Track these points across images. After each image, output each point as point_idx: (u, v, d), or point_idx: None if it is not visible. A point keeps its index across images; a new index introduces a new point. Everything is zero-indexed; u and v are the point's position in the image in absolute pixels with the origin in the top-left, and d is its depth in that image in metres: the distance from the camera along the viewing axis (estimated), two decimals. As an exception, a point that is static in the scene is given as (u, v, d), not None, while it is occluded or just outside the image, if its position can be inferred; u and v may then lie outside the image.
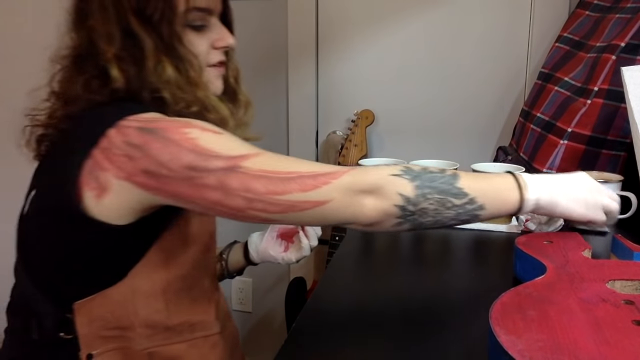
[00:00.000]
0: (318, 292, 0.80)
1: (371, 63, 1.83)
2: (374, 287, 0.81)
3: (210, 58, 0.82)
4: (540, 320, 0.49)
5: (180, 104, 0.74)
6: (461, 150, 1.77)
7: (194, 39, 0.79)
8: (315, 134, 1.92)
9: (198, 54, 0.79)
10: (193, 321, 0.80)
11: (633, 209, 1.02)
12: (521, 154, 1.35)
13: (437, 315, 0.70)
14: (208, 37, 0.81)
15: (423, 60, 1.78)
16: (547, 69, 1.42)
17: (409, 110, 1.83)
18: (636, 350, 0.44)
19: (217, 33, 0.82)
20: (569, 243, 0.76)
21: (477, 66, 1.74)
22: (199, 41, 0.79)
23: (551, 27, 1.61)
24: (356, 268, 0.89)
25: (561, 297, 0.56)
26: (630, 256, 0.76)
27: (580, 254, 0.72)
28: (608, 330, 0.48)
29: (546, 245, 0.76)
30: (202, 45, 0.80)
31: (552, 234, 0.84)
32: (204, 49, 0.80)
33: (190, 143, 0.65)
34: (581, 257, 0.70)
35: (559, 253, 0.72)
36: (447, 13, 1.74)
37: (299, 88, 1.88)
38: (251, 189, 0.64)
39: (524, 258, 0.74)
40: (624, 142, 1.14)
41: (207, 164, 0.64)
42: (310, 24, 1.84)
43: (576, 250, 0.73)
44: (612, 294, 0.57)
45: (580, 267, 0.66)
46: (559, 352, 0.44)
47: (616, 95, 1.13)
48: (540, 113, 1.31)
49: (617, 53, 1.15)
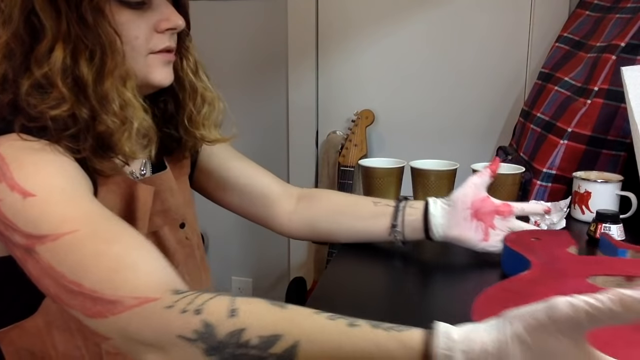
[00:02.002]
0: (318, 292, 0.79)
1: (371, 63, 1.83)
2: (373, 287, 0.81)
3: (154, 43, 0.70)
4: None
5: (49, 103, 0.62)
6: (461, 150, 1.77)
7: (129, 19, 0.67)
8: (315, 134, 1.92)
9: (135, 38, 0.67)
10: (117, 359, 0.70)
11: (633, 209, 1.02)
12: (521, 154, 1.35)
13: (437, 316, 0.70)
14: (149, 18, 0.69)
15: (423, 60, 1.78)
16: (547, 69, 1.42)
17: (409, 110, 1.82)
18: (609, 341, 0.45)
19: (161, 13, 0.70)
20: (555, 240, 0.77)
21: (477, 66, 1.74)
22: (136, 22, 0.67)
23: (551, 27, 1.61)
24: (356, 268, 0.89)
25: (543, 292, 0.56)
26: (614, 252, 0.77)
27: (565, 250, 0.73)
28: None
29: (533, 242, 0.77)
30: (141, 27, 0.68)
31: (541, 231, 0.85)
32: (143, 32, 0.68)
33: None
34: (566, 254, 0.72)
35: (545, 249, 0.73)
36: (447, 13, 1.74)
37: (299, 88, 1.88)
38: (43, 283, 0.55)
39: (511, 254, 0.75)
40: (624, 142, 1.14)
41: (9, 234, 0.57)
42: (310, 24, 1.84)
43: (562, 247, 0.74)
44: (591, 288, 0.58)
45: (564, 263, 0.67)
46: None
47: (616, 95, 1.13)
48: (540, 113, 1.31)
49: (617, 53, 1.15)
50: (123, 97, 0.65)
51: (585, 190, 1.04)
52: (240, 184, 0.91)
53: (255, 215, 0.94)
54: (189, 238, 0.81)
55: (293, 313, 0.50)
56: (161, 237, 0.77)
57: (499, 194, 0.98)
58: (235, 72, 1.94)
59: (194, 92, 0.78)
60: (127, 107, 0.65)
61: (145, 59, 0.69)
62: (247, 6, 1.89)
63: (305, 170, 1.94)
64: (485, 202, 0.84)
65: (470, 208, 0.83)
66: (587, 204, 1.04)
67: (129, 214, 0.71)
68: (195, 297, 0.51)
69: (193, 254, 0.82)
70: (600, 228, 0.93)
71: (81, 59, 0.63)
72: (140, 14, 0.68)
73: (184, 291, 0.53)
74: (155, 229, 0.76)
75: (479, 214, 0.83)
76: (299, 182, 1.95)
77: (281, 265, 2.05)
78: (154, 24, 0.69)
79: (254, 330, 0.47)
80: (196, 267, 0.82)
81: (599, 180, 1.03)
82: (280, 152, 1.97)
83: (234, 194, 0.92)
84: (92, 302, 0.53)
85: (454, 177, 1.05)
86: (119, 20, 0.66)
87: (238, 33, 1.92)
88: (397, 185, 1.06)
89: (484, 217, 0.83)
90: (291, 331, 0.47)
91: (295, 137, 1.93)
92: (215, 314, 0.49)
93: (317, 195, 0.96)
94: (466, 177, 1.05)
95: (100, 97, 0.63)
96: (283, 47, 1.88)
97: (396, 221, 0.87)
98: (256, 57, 1.92)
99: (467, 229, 0.83)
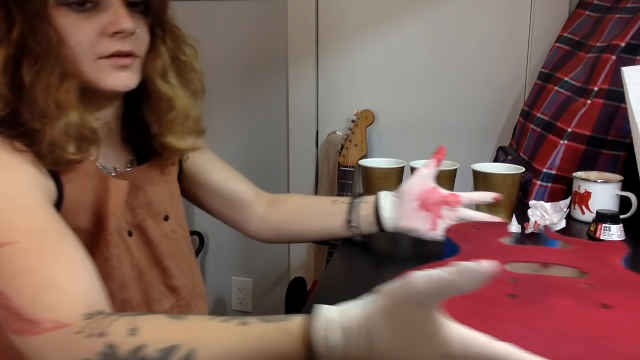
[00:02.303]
0: (318, 292, 0.79)
1: (371, 63, 1.83)
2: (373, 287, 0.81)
3: (102, 48, 0.67)
4: None
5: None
6: (461, 150, 1.76)
7: (72, 23, 0.65)
8: (315, 134, 1.92)
9: (77, 43, 0.66)
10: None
11: (633, 209, 1.02)
12: (521, 154, 1.35)
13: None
14: (97, 22, 0.67)
15: (423, 60, 1.78)
16: (547, 69, 1.42)
17: (409, 110, 1.82)
18: (501, 318, 0.49)
19: (111, 16, 0.67)
20: (492, 231, 0.80)
21: (477, 66, 1.74)
22: (79, 27, 0.66)
23: (551, 27, 1.61)
24: (356, 268, 0.89)
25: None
26: (548, 243, 0.80)
27: (497, 240, 0.76)
28: (482, 303, 0.52)
29: (472, 232, 0.79)
30: (84, 32, 0.66)
31: (484, 223, 0.86)
32: (86, 37, 0.66)
33: None
34: (496, 243, 0.75)
35: (478, 239, 0.76)
36: (447, 13, 1.74)
37: (299, 88, 1.88)
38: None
39: (448, 242, 0.77)
40: (624, 142, 1.14)
41: None
42: (310, 23, 1.84)
43: (495, 236, 0.77)
44: (504, 273, 0.61)
45: (490, 250, 0.71)
46: None
47: (616, 95, 1.13)
48: (540, 113, 1.31)
49: (617, 53, 1.15)
50: (55, 97, 0.65)
51: (585, 190, 1.04)
52: (220, 188, 0.95)
53: (231, 219, 0.98)
54: (174, 230, 0.83)
55: (189, 322, 0.53)
56: (145, 229, 0.78)
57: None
58: (235, 72, 1.94)
59: (160, 97, 0.76)
60: (58, 107, 0.65)
61: (95, 63, 0.68)
62: (247, 6, 1.89)
63: (305, 170, 1.94)
64: (432, 192, 0.86)
65: (418, 199, 0.86)
66: (587, 204, 1.04)
67: (101, 208, 0.72)
68: (101, 320, 0.54)
69: (180, 246, 0.84)
70: (601, 228, 0.93)
71: (25, 60, 0.64)
72: (85, 17, 0.66)
73: (97, 313, 0.55)
74: (139, 221, 0.78)
75: (426, 205, 0.86)
76: (299, 182, 1.95)
77: (281, 265, 2.05)
78: (102, 27, 0.67)
79: (153, 344, 0.50)
80: (184, 259, 0.84)
81: (599, 181, 1.03)
82: (280, 152, 1.97)
83: (213, 198, 0.95)
84: (15, 318, 0.55)
85: (454, 177, 1.05)
86: (62, 24, 0.65)
87: (238, 33, 1.92)
88: (397, 185, 1.05)
89: (431, 207, 0.86)
90: (187, 340, 0.50)
91: (295, 137, 1.93)
92: (117, 335, 0.51)
93: (283, 200, 1.00)
94: (466, 177, 1.06)
95: (33, 97, 0.64)
96: (283, 47, 1.88)
97: (351, 217, 0.90)
98: (256, 57, 1.92)
99: (415, 220, 0.86)
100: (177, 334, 0.51)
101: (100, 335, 0.51)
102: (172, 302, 0.81)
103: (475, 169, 1.02)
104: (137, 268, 0.77)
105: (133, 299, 0.75)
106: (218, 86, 1.94)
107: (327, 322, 0.47)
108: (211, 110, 1.97)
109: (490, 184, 0.98)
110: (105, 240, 0.71)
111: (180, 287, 0.82)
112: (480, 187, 1.00)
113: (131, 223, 0.77)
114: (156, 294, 0.79)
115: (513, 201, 1.00)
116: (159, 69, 0.75)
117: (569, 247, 0.75)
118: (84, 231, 0.70)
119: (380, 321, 0.44)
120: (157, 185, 0.82)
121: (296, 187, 1.95)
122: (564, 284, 0.59)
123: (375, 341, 0.44)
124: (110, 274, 0.72)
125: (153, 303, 0.78)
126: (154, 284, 0.79)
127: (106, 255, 0.72)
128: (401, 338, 0.43)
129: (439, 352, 0.42)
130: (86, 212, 0.71)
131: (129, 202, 0.77)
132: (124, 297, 0.74)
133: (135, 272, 0.76)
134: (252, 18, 1.90)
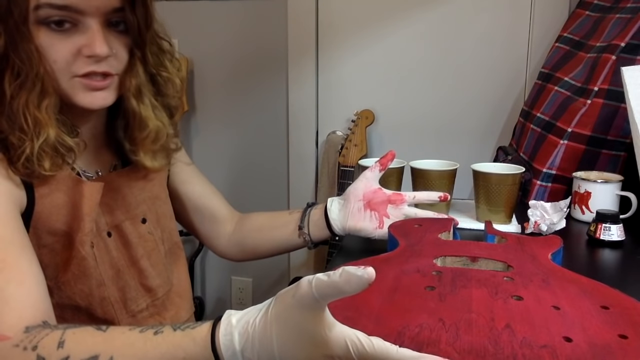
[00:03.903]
0: (318, 292, 0.79)
1: (371, 63, 1.83)
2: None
3: (76, 67, 0.69)
4: None
5: None
6: (461, 150, 1.77)
7: (51, 42, 0.67)
8: (315, 134, 1.92)
9: (53, 61, 0.68)
10: None
11: (633, 209, 1.02)
12: (521, 154, 1.35)
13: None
14: (74, 42, 0.69)
15: (423, 60, 1.78)
16: (547, 69, 1.42)
17: (409, 110, 1.83)
18: (413, 309, 0.53)
19: (87, 38, 0.69)
20: (433, 226, 0.82)
21: (477, 66, 1.74)
22: (56, 46, 0.68)
23: (551, 27, 1.61)
24: (356, 268, 0.89)
25: (387, 268, 0.64)
26: (485, 238, 0.82)
27: (435, 235, 0.78)
28: (400, 293, 0.56)
29: (414, 228, 0.81)
30: (60, 51, 0.68)
31: (426, 219, 0.88)
32: (63, 56, 0.68)
33: None
34: (434, 238, 0.77)
35: (418, 234, 0.78)
36: (447, 13, 1.74)
37: (299, 88, 1.88)
38: None
39: (391, 238, 0.80)
40: (624, 142, 1.14)
41: None
42: (310, 23, 1.84)
43: (435, 232, 0.79)
44: (429, 267, 0.65)
45: (425, 246, 0.73)
46: (349, 308, 0.52)
47: (616, 95, 1.13)
48: (540, 113, 1.31)
49: (617, 53, 1.15)
50: (34, 115, 0.67)
51: (585, 190, 1.04)
52: (196, 201, 0.98)
53: (201, 234, 1.01)
54: (152, 233, 0.85)
55: (110, 333, 0.56)
56: (123, 230, 0.81)
57: (499, 194, 0.98)
58: (235, 72, 1.94)
59: (134, 115, 0.78)
60: (36, 124, 0.67)
61: (70, 81, 0.70)
62: (247, 6, 1.89)
63: (305, 170, 1.94)
64: (376, 193, 0.90)
65: (363, 199, 0.90)
66: (587, 204, 1.04)
67: (76, 210, 0.74)
68: (37, 333, 0.57)
69: (157, 248, 0.86)
70: (600, 228, 0.93)
71: (6, 74, 0.67)
72: (63, 37, 0.68)
73: (37, 327, 0.58)
74: (118, 223, 0.81)
75: (372, 204, 0.89)
76: (299, 182, 1.95)
77: (281, 265, 2.05)
78: (78, 47, 0.69)
79: (76, 355, 0.54)
80: (160, 260, 0.86)
81: (599, 180, 1.03)
82: (280, 152, 1.97)
83: (187, 210, 0.98)
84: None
85: (454, 177, 1.05)
86: (42, 43, 0.67)
87: (238, 33, 1.92)
88: (397, 186, 1.06)
89: (377, 206, 0.89)
90: (106, 349, 0.54)
91: (295, 137, 1.93)
92: (46, 347, 0.55)
93: (247, 217, 1.02)
94: (466, 177, 1.06)
95: (12, 111, 0.67)
96: (283, 47, 1.88)
97: (302, 223, 0.94)
98: (256, 57, 1.92)
99: (362, 220, 0.89)
100: (98, 344, 0.55)
101: (33, 348, 0.55)
102: (148, 302, 0.84)
103: (475, 169, 1.02)
104: (116, 267, 0.79)
105: (111, 297, 0.77)
106: (218, 86, 1.94)
107: (226, 328, 0.50)
108: (211, 110, 1.97)
109: (490, 184, 0.98)
110: (81, 240, 0.73)
111: (156, 288, 0.85)
112: (480, 187, 1.00)
113: (110, 224, 0.80)
114: (133, 292, 0.81)
115: (513, 201, 1.00)
116: (134, 88, 0.76)
117: (503, 242, 0.77)
118: (60, 232, 0.73)
119: (275, 325, 0.47)
120: (135, 189, 0.84)
121: (296, 187, 1.95)
122: (485, 277, 0.61)
123: (275, 344, 0.47)
124: (86, 273, 0.74)
125: (130, 302, 0.81)
126: (131, 284, 0.81)
127: (82, 254, 0.73)
128: (293, 340, 0.46)
129: (321, 352, 0.45)
130: (61, 214, 0.73)
131: (108, 204, 0.79)
132: (102, 295, 0.76)
133: (113, 271, 0.79)
134: (252, 18, 1.90)
